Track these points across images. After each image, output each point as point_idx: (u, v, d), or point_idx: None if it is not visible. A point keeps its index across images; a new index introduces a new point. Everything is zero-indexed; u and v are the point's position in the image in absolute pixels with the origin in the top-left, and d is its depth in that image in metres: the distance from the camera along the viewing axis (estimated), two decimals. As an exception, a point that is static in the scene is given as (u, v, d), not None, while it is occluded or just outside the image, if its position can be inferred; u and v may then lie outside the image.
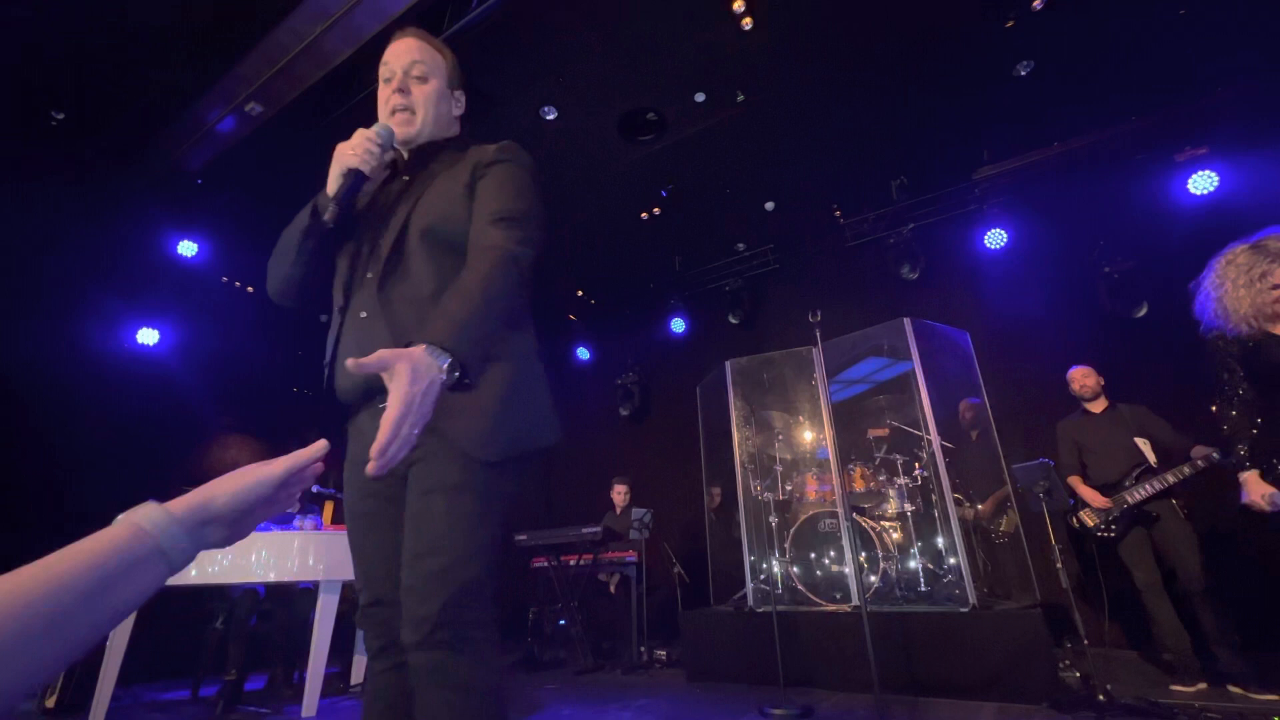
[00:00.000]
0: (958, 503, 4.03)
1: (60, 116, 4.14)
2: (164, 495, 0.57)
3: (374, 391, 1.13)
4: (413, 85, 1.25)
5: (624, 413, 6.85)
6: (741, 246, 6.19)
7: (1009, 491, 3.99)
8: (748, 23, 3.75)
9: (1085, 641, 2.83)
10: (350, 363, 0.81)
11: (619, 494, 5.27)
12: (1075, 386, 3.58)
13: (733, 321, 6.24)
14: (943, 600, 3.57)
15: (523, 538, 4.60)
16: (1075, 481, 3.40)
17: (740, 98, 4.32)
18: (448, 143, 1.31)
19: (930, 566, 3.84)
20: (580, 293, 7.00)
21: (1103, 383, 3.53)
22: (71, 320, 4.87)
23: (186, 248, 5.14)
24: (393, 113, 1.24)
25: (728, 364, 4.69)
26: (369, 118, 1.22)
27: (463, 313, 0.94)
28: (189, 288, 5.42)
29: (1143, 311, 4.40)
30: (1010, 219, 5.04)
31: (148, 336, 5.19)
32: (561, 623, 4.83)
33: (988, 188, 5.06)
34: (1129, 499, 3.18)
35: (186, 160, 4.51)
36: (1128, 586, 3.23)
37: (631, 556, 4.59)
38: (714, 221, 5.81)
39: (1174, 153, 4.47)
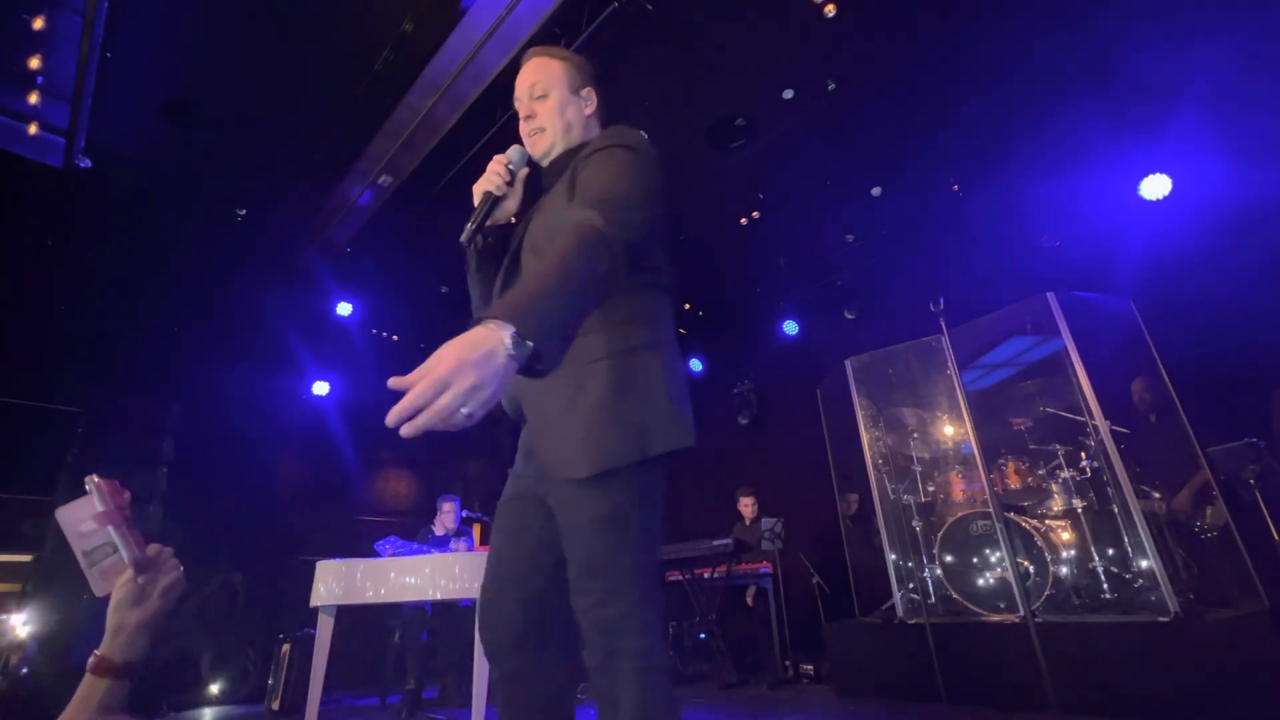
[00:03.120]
0: (1142, 495, 3.48)
1: (243, 212, 5.01)
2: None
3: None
4: (536, 106, 1.27)
5: (743, 421, 6.76)
6: (850, 238, 5.90)
7: (1207, 479, 3.39)
8: (831, 9, 3.63)
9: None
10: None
11: (746, 506, 5.20)
12: (1286, 347, 2.99)
13: (849, 317, 5.95)
14: (1135, 608, 3.10)
15: (654, 552, 4.66)
16: (1301, 461, 2.83)
17: (831, 87, 4.17)
18: (581, 148, 1.24)
19: (1115, 569, 3.36)
20: (687, 305, 7.05)
21: (1325, 339, 2.92)
22: (268, 378, 5.88)
23: (344, 308, 5.91)
24: (529, 137, 1.28)
25: (847, 362, 4.47)
26: (479, 174, 1.30)
27: (534, 286, 0.81)
28: (347, 342, 6.25)
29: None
30: (1170, 162, 4.35)
31: (320, 388, 6.08)
32: (701, 636, 4.83)
33: (1138, 130, 4.40)
34: (1382, 478, 2.59)
35: (337, 234, 5.21)
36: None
37: (766, 568, 4.49)
38: (817, 216, 5.60)
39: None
